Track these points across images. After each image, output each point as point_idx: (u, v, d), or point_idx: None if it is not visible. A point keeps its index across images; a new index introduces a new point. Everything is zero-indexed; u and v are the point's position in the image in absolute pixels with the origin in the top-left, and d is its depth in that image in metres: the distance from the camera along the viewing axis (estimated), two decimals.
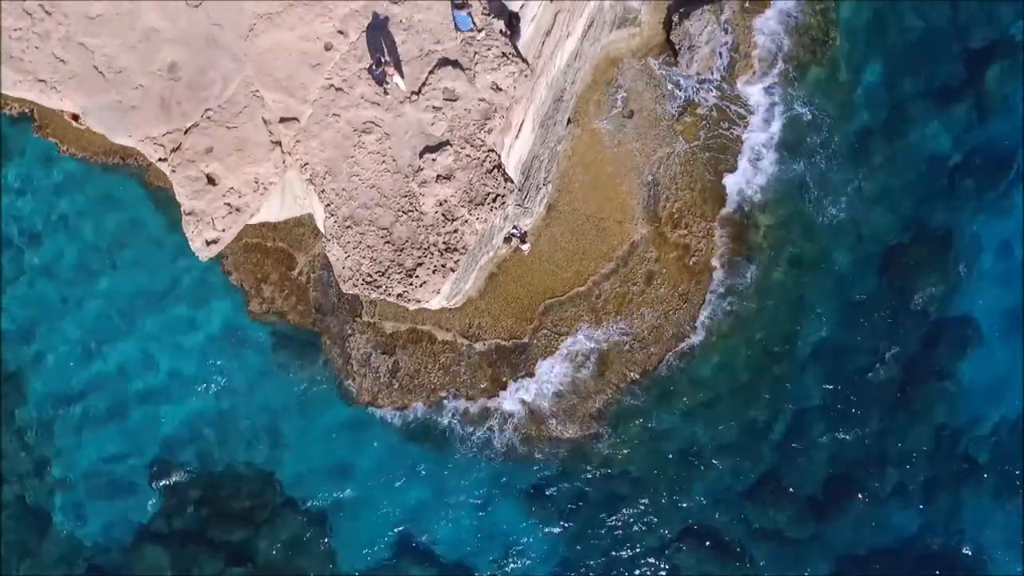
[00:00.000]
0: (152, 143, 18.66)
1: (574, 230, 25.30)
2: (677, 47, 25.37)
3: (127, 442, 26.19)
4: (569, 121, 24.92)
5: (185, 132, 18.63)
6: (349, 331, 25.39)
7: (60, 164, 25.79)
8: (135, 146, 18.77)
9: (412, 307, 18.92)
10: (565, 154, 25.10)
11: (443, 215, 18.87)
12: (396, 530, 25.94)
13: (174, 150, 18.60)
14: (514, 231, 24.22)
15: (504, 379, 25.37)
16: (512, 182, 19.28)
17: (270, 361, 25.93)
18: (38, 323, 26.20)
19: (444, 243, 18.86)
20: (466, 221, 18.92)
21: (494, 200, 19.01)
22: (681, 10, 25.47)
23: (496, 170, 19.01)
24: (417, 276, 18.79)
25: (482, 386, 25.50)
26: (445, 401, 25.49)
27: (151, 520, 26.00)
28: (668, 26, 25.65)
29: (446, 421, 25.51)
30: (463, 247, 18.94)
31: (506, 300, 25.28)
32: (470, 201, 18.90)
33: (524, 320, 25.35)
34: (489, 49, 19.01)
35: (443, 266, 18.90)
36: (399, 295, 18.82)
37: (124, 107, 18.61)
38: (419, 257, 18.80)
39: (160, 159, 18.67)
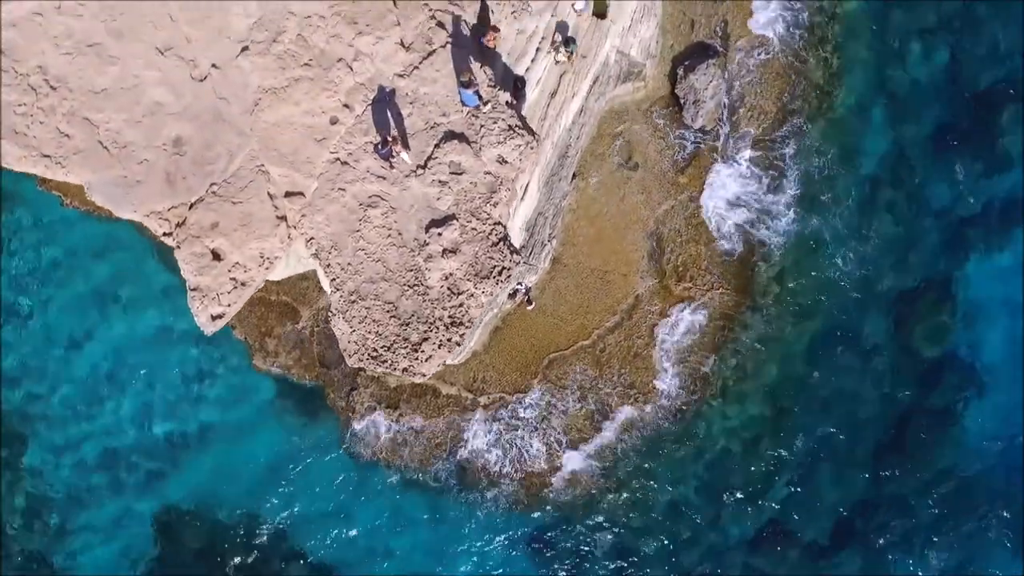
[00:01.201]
0: (157, 218, 18.62)
1: (578, 283, 25.27)
2: (682, 101, 25.30)
3: (124, 486, 26.11)
4: (574, 176, 24.85)
5: (190, 207, 18.58)
6: (353, 385, 25.35)
7: (64, 216, 25.65)
8: (140, 220, 18.69)
9: (417, 380, 18.89)
10: (569, 207, 25.05)
11: (449, 289, 18.85)
12: None
13: (179, 225, 18.55)
14: (519, 287, 24.18)
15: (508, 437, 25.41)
16: (518, 254, 19.27)
17: (274, 414, 25.88)
18: (34, 367, 26.11)
19: (450, 317, 18.84)
20: (472, 295, 18.90)
21: (500, 273, 18.99)
22: (686, 63, 25.39)
23: (502, 243, 18.99)
24: (423, 351, 18.77)
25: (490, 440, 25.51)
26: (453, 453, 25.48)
27: (148, 572, 25.90)
28: (673, 79, 25.56)
29: (444, 477, 25.46)
30: (469, 321, 18.92)
31: (510, 354, 25.26)
32: (476, 275, 18.87)
33: (528, 374, 25.34)
34: (495, 122, 18.96)
35: (449, 340, 18.88)
36: (404, 369, 18.81)
37: (129, 182, 18.57)
38: (425, 331, 18.77)
39: (165, 233, 18.63)
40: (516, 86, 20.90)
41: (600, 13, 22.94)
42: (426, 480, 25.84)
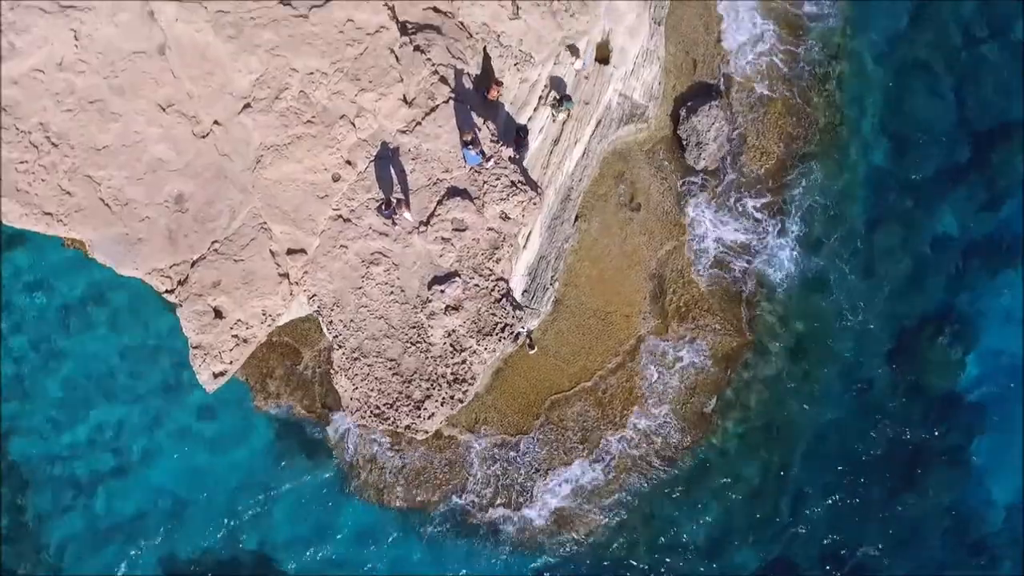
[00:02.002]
0: (159, 275, 18.57)
1: (580, 325, 25.21)
2: (684, 142, 25.25)
3: (125, 526, 26.05)
4: (577, 218, 24.79)
5: (192, 265, 18.53)
6: (355, 426, 25.29)
7: (64, 255, 25.57)
8: (142, 278, 18.62)
9: (420, 437, 18.86)
10: (572, 249, 25.00)
11: (451, 346, 18.81)
12: None
13: (181, 283, 18.49)
14: (520, 330, 24.10)
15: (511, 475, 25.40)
16: (521, 310, 19.22)
17: (275, 455, 25.81)
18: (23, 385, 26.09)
19: (452, 374, 18.80)
20: (474, 352, 18.86)
21: (502, 330, 18.95)
22: (689, 104, 25.34)
23: (504, 299, 18.95)
24: (425, 408, 18.74)
25: (491, 480, 25.54)
26: (453, 497, 25.45)
27: None
28: (675, 119, 25.49)
29: (443, 517, 25.49)
30: (472, 378, 18.89)
31: (512, 395, 25.22)
32: (478, 331, 18.83)
33: (530, 415, 25.29)
34: (498, 179, 18.91)
35: (451, 397, 18.85)
36: (407, 427, 18.79)
37: (131, 239, 18.51)
38: (427, 389, 18.73)
39: (167, 291, 18.57)
40: (519, 135, 20.86)
41: (603, 59, 22.91)
42: (426, 520, 25.81)
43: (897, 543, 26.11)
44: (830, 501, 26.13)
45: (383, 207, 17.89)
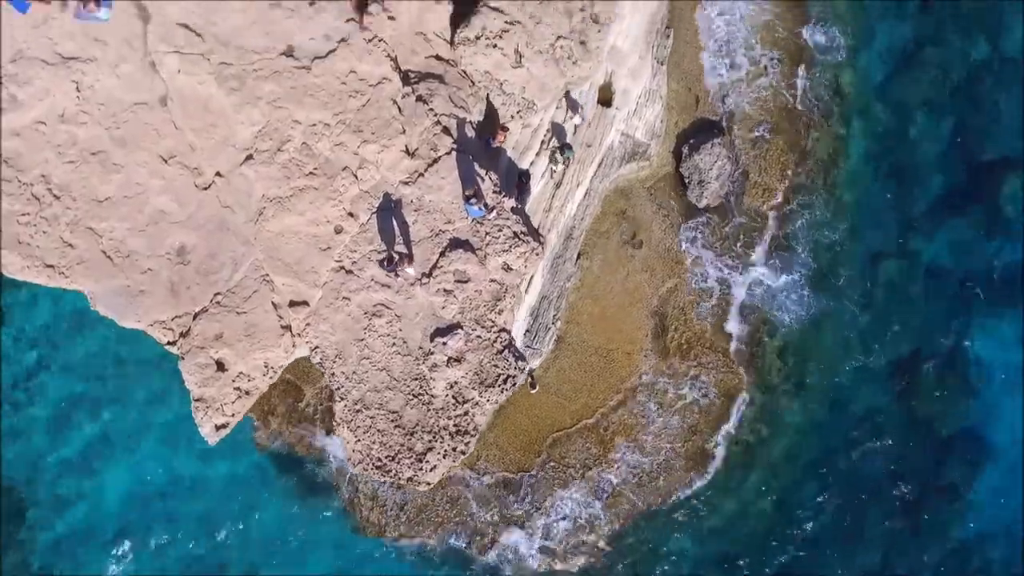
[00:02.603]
0: (161, 327, 18.53)
1: (582, 362, 25.20)
2: (687, 180, 25.20)
3: (114, 539, 25.87)
4: (579, 256, 24.75)
5: (194, 317, 18.49)
6: None
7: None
8: (144, 330, 18.59)
9: (422, 489, 18.85)
10: (574, 287, 24.97)
11: (454, 398, 18.79)
12: None
13: (183, 335, 18.46)
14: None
15: (510, 513, 25.35)
16: (524, 360, 19.19)
17: (276, 492, 25.81)
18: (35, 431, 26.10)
19: (455, 426, 18.78)
20: (476, 403, 18.84)
21: (505, 381, 18.92)
22: (691, 141, 25.28)
23: (507, 350, 18.91)
24: (427, 461, 18.72)
25: (490, 519, 25.48)
26: (453, 535, 25.45)
27: None
28: (677, 155, 25.44)
29: (448, 558, 25.48)
30: (474, 429, 18.87)
31: (514, 433, 25.21)
32: (481, 383, 18.80)
33: (532, 453, 25.29)
34: (500, 230, 18.86)
35: (454, 449, 18.83)
36: (409, 479, 18.76)
37: (132, 291, 18.46)
38: (429, 441, 18.71)
39: (169, 342, 18.54)
40: (521, 180, 20.84)
41: (605, 101, 22.85)
42: (426, 556, 25.82)
43: (897, 570, 26.10)
44: (829, 529, 26.17)
45: (385, 262, 17.85)
